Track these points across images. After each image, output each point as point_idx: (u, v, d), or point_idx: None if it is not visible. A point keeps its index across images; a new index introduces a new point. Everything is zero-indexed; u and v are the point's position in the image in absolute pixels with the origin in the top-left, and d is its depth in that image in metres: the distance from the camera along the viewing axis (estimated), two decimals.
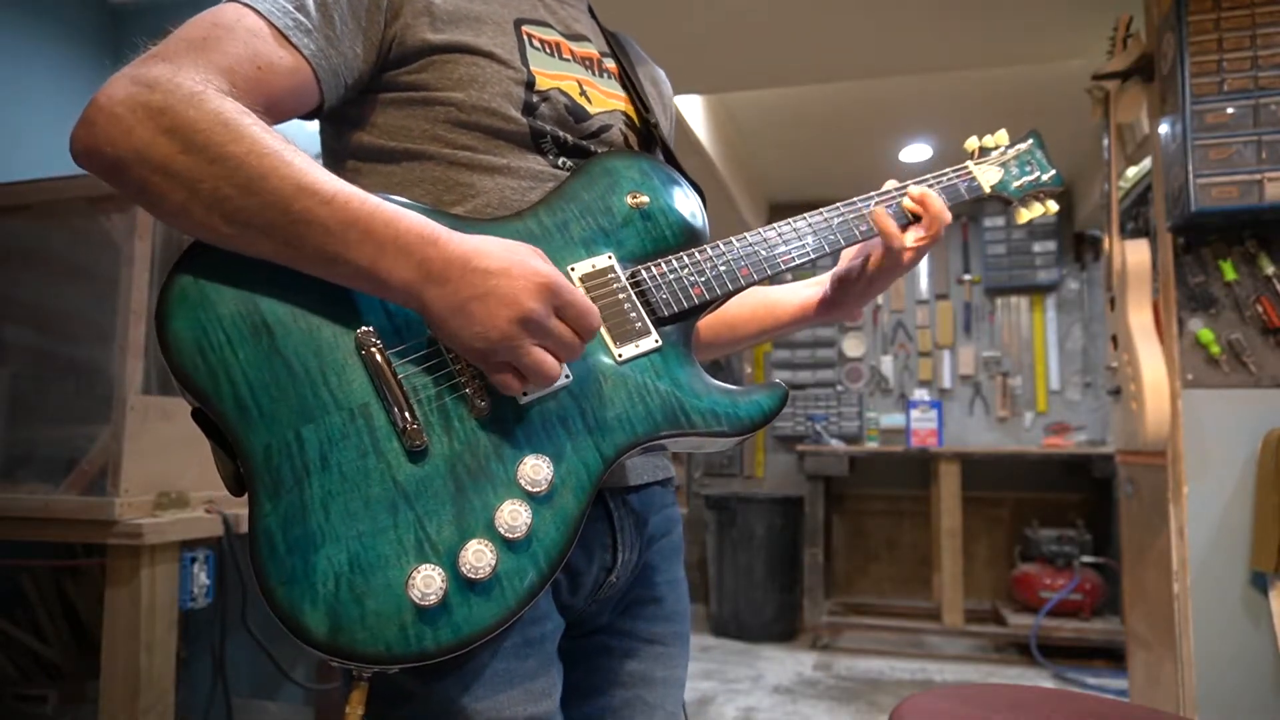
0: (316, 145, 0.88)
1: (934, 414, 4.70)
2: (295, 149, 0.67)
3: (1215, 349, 2.18)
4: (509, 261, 0.66)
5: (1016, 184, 1.05)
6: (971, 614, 4.44)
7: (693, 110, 3.76)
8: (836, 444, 4.90)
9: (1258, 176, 2.05)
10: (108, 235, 1.81)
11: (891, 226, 0.91)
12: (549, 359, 0.67)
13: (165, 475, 1.77)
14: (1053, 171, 1.07)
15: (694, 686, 3.72)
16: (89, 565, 2.09)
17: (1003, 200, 1.05)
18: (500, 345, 0.65)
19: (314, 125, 0.85)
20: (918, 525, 5.06)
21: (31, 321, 1.97)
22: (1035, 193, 1.07)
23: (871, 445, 4.96)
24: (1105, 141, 2.68)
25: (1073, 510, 4.61)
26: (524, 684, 0.74)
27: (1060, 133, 1.14)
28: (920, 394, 5.08)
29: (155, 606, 1.68)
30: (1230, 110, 2.09)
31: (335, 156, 0.84)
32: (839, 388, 5.29)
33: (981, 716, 1.12)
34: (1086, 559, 4.26)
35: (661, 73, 1.08)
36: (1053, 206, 1.08)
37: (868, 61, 3.38)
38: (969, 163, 1.04)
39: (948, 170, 1.01)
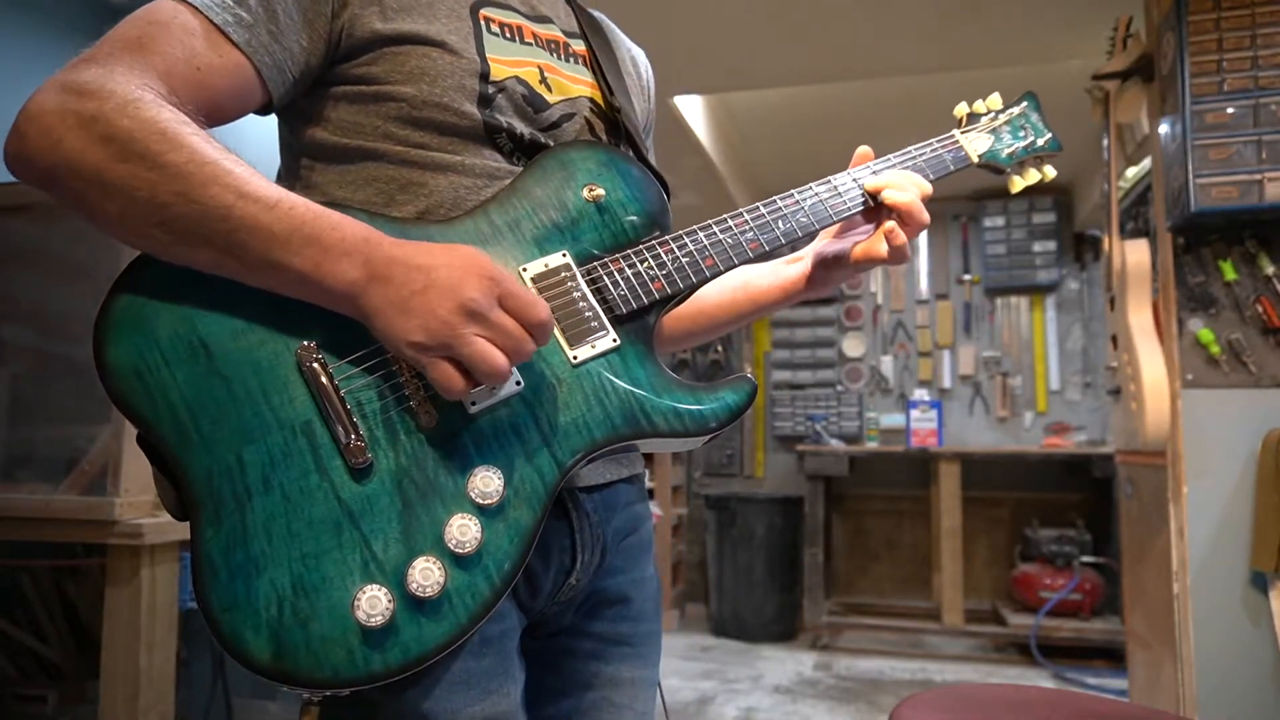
0: (272, 139, 0.86)
1: (934, 414, 4.70)
2: (236, 158, 0.65)
3: (1215, 349, 2.18)
4: (452, 256, 0.65)
5: (1008, 151, 0.98)
6: (971, 614, 4.44)
7: (693, 110, 3.76)
8: (836, 444, 4.90)
9: (1258, 176, 2.05)
10: (108, 235, 1.81)
11: (880, 251, 0.86)
12: (494, 351, 0.63)
13: None
14: (1049, 135, 1.00)
15: (694, 686, 3.73)
16: (89, 565, 2.08)
17: (993, 169, 0.98)
18: (440, 335, 0.62)
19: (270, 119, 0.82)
20: (918, 525, 5.06)
21: (31, 321, 1.96)
22: (1030, 159, 1.00)
23: (871, 445, 4.96)
24: (1105, 141, 2.68)
25: (1073, 510, 4.61)
26: (481, 683, 0.73)
27: (1060, 133, 1.13)
28: (920, 394, 5.08)
29: (155, 606, 1.68)
30: (1230, 110, 2.09)
31: (291, 151, 0.82)
32: (839, 388, 5.29)
33: (981, 717, 1.12)
34: (1086, 559, 4.26)
35: (640, 53, 1.04)
36: (1050, 172, 1.01)
37: (867, 62, 3.38)
38: (955, 131, 0.98)
39: (933, 140, 0.96)
